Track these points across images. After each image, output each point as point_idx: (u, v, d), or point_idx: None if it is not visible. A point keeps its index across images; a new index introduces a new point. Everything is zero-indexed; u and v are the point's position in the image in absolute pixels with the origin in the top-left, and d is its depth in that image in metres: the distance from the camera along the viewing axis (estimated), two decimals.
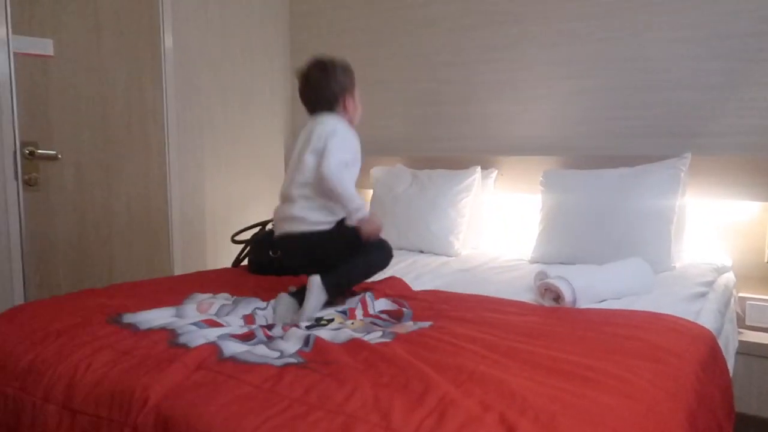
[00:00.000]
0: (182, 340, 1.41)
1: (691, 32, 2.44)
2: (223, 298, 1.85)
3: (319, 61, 1.88)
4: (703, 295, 1.92)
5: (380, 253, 1.83)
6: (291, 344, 1.41)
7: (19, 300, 2.35)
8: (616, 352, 1.32)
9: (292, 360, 1.31)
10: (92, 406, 1.22)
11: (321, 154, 1.71)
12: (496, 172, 2.82)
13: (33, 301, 1.81)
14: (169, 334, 1.46)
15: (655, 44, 2.52)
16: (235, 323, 1.60)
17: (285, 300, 1.72)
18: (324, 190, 1.70)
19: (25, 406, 1.31)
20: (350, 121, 1.90)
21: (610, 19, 2.60)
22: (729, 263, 2.34)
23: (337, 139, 1.74)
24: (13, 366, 1.39)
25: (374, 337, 1.46)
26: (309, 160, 1.74)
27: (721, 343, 1.65)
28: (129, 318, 1.59)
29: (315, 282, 1.67)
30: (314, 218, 1.73)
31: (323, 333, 1.48)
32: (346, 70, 1.89)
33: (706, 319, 1.69)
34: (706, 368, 1.37)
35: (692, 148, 2.45)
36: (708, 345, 1.48)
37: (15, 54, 2.30)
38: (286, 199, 1.81)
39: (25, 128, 2.35)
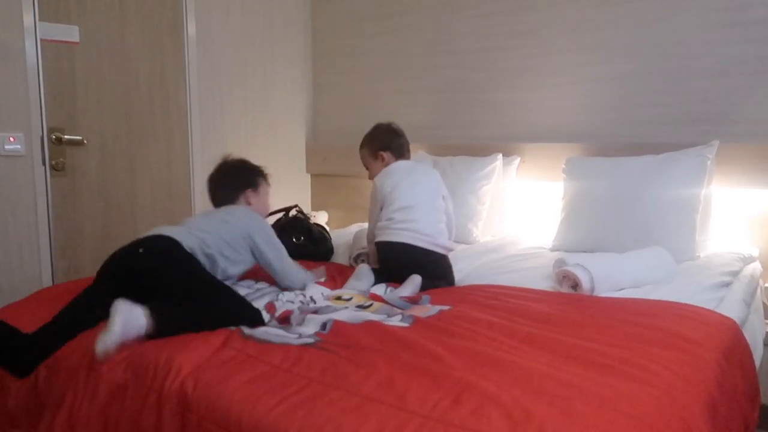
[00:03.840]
0: None
1: (719, 17, 2.38)
2: (246, 285, 1.88)
3: None
4: (726, 284, 1.88)
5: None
6: (309, 328, 1.43)
7: (47, 283, 2.41)
8: (634, 340, 1.31)
9: (310, 340, 1.32)
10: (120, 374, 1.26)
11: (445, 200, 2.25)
12: (519, 159, 2.79)
13: (57, 285, 1.85)
14: None
15: (683, 29, 2.46)
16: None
17: (365, 270, 1.97)
18: (451, 225, 2.26)
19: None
20: None
21: (636, 4, 2.55)
22: (756, 253, 2.29)
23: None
24: None
25: (393, 320, 1.46)
26: (441, 202, 2.22)
27: (747, 333, 1.61)
28: None
29: (415, 280, 1.91)
30: (443, 243, 2.13)
31: (342, 315, 1.49)
32: None
33: (729, 309, 1.66)
34: (729, 357, 1.35)
35: (720, 135, 2.40)
36: (730, 333, 1.45)
37: (42, 41, 2.34)
38: (419, 221, 2.12)
39: (51, 114, 2.40)
